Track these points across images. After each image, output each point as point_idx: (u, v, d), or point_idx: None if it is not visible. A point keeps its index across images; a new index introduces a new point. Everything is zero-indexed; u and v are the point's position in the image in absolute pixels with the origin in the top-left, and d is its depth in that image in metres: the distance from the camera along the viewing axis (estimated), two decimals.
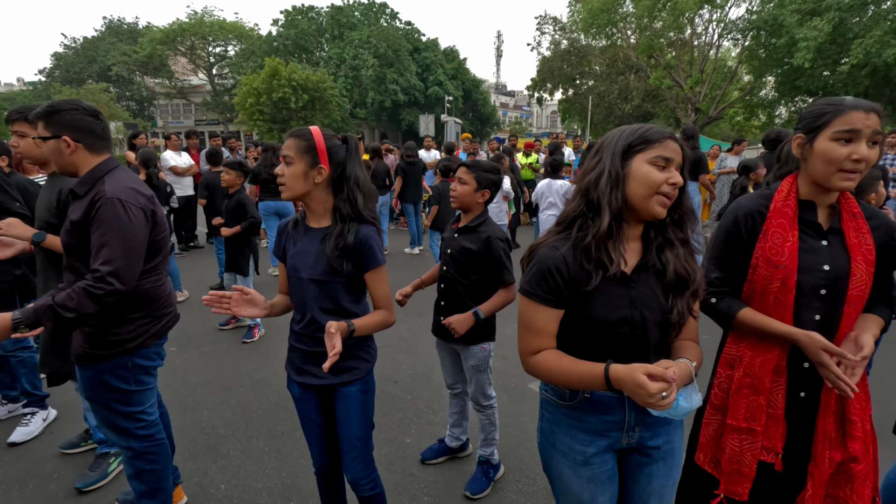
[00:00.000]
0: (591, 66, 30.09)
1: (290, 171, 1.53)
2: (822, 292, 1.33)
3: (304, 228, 1.63)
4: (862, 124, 1.23)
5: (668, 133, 1.13)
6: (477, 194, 2.10)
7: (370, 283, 1.62)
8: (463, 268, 2.12)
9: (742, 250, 1.43)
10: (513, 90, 62.40)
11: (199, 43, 39.83)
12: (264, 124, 29.12)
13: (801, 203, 1.38)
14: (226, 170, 3.97)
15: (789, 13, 17.15)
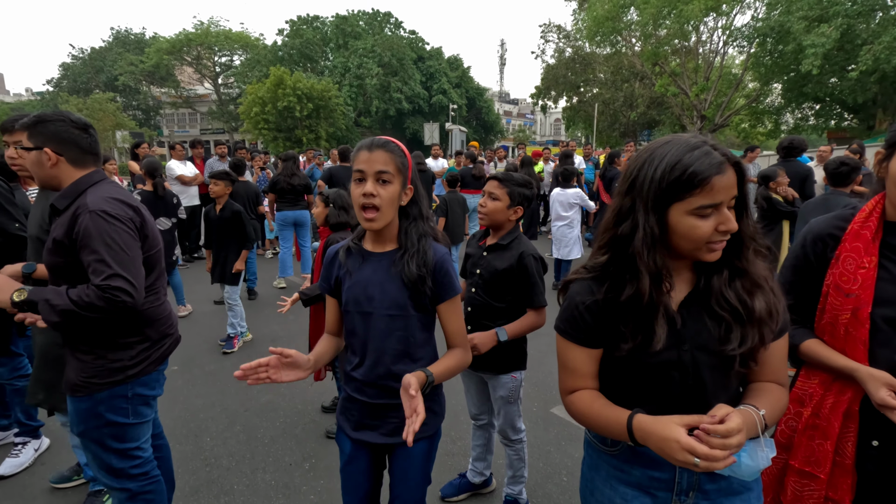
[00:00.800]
0: (596, 74, 30.09)
1: (389, 192, 1.26)
2: None
3: (363, 255, 1.37)
4: None
5: (715, 168, 0.88)
6: (510, 211, 1.91)
7: (444, 316, 1.38)
8: (494, 289, 1.93)
9: (811, 277, 1.28)
10: (516, 98, 62.53)
11: (205, 53, 40.14)
12: (269, 133, 29.20)
13: (888, 226, 1.20)
14: (213, 181, 3.83)
15: (796, 20, 17.02)
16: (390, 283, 1.33)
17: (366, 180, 1.26)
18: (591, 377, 1.06)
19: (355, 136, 34.93)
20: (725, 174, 0.89)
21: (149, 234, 1.65)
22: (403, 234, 1.34)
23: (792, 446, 1.28)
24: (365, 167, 1.26)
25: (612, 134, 31.83)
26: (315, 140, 29.99)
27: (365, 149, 1.28)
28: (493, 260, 1.94)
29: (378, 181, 1.26)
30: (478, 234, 2.09)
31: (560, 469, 2.49)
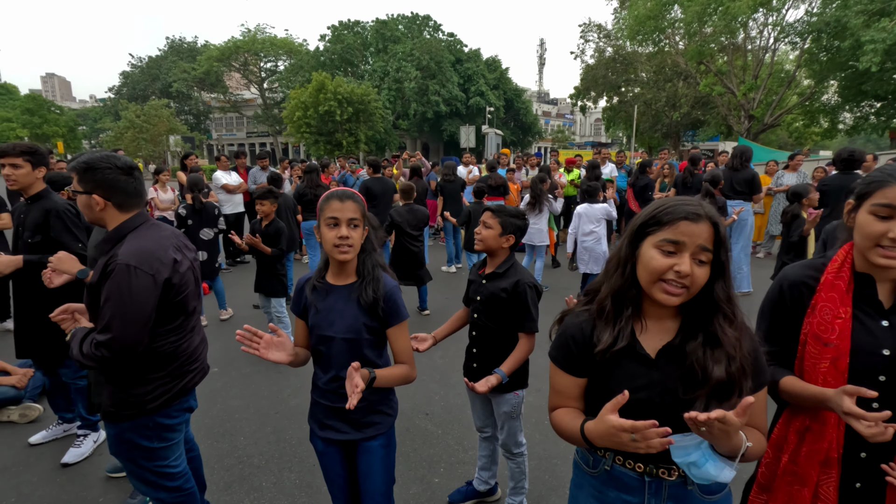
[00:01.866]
0: (637, 74, 29.36)
1: (359, 233, 1.58)
2: (882, 379, 1.19)
3: (327, 288, 1.63)
4: None
5: (691, 212, 0.99)
6: (502, 239, 2.09)
7: (393, 338, 1.65)
8: (494, 315, 2.10)
9: (789, 323, 1.32)
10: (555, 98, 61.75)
11: (251, 59, 41.85)
12: (311, 136, 30.15)
13: (858, 276, 1.24)
14: (259, 201, 4.08)
15: (854, 14, 16.10)
16: (349, 311, 1.59)
17: (340, 225, 1.54)
18: (574, 399, 1.19)
19: (393, 138, 35.52)
20: (696, 223, 0.99)
21: (177, 282, 1.71)
22: (361, 265, 1.63)
23: (772, 489, 1.33)
24: (339, 215, 1.54)
25: (654, 135, 30.97)
26: (355, 143, 30.73)
27: (336, 199, 1.55)
28: (490, 287, 2.10)
29: (350, 226, 1.54)
30: (478, 263, 2.25)
31: (565, 482, 2.57)
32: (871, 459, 1.22)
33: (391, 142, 35.40)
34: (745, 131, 22.61)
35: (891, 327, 1.20)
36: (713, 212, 1.02)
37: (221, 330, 4.93)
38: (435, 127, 37.81)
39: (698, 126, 29.74)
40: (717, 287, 1.03)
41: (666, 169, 7.65)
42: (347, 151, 30.89)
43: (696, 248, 0.99)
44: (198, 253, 4.79)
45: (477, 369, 2.17)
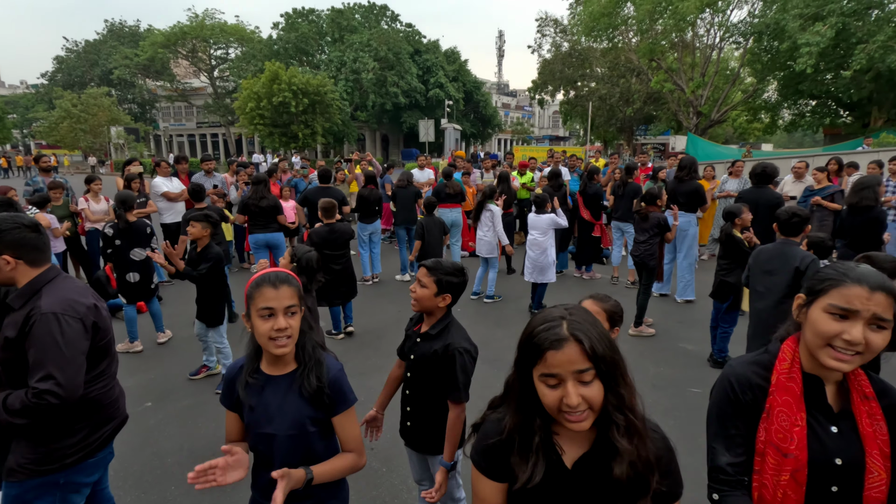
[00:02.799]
0: (593, 69, 29.93)
1: (297, 320, 1.41)
2: (834, 489, 1.14)
3: (264, 381, 1.47)
4: (861, 304, 1.07)
5: (549, 343, 0.93)
6: (437, 299, 1.97)
7: (339, 427, 1.50)
8: (426, 376, 2.01)
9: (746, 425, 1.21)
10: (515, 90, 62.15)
11: (200, 45, 39.88)
12: (265, 129, 29.10)
13: (806, 377, 1.18)
14: (191, 223, 3.83)
15: (791, 18, 16.90)
16: (290, 403, 1.43)
17: (276, 315, 1.37)
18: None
19: (352, 130, 34.80)
20: (561, 350, 0.92)
21: (102, 325, 1.76)
22: (301, 350, 1.46)
23: None
24: (275, 304, 1.36)
25: (609, 129, 31.75)
26: (311, 135, 29.90)
27: (270, 285, 1.37)
28: (423, 347, 2.01)
29: (287, 314, 1.38)
30: (414, 318, 2.15)
31: None
32: None
33: (349, 134, 34.69)
34: (694, 126, 23.48)
35: (840, 433, 1.15)
36: (578, 327, 0.94)
37: (159, 355, 4.67)
38: (394, 119, 37.30)
39: (651, 121, 30.64)
40: (610, 395, 0.97)
41: (617, 173, 7.82)
42: (304, 144, 30.04)
43: (572, 374, 0.93)
44: (129, 275, 4.54)
45: (411, 428, 2.10)
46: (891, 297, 1.08)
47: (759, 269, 3.22)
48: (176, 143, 48.97)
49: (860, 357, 1.08)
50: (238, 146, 44.96)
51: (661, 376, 4.17)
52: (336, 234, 4.86)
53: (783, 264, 3.07)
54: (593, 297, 1.81)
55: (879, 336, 1.07)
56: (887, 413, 1.14)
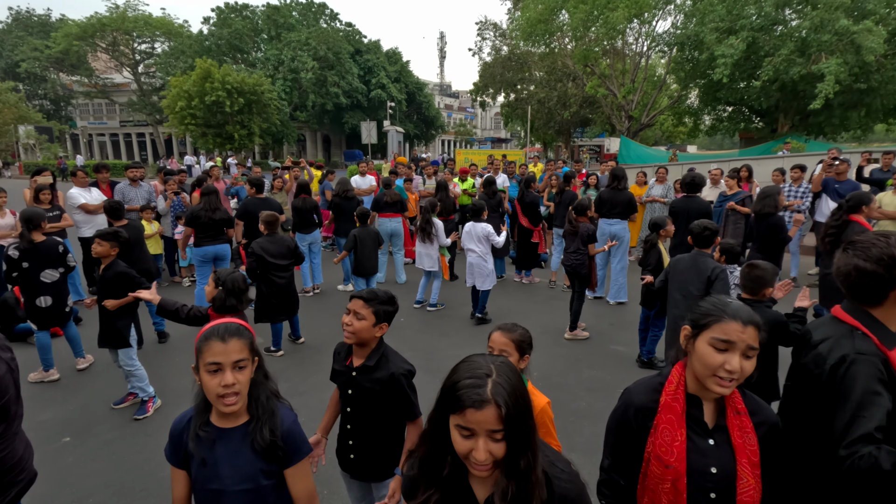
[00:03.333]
0: (532, 73, 30.79)
1: (246, 375, 1.37)
2: (712, 496, 1.29)
3: (217, 432, 1.40)
4: (737, 337, 1.24)
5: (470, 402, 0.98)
6: (375, 329, 1.96)
7: (291, 480, 1.44)
8: (369, 408, 2.00)
9: (633, 442, 1.39)
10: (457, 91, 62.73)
11: (122, 38, 37.25)
12: (197, 129, 27.68)
13: (689, 398, 1.34)
14: (98, 241, 3.60)
15: (709, 31, 18.22)
16: (242, 457, 1.38)
17: (223, 371, 1.32)
18: None
19: (291, 130, 33.80)
20: (481, 410, 0.97)
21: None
22: (254, 403, 1.41)
23: None
24: (222, 359, 1.32)
25: (548, 131, 32.81)
26: (248, 136, 28.77)
27: (218, 339, 1.33)
28: (363, 381, 1.99)
29: (236, 369, 1.34)
30: (342, 352, 2.10)
31: None
32: None
33: (289, 135, 33.69)
34: (626, 129, 24.77)
35: (716, 445, 1.30)
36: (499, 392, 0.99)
37: (78, 384, 4.35)
38: (336, 119, 36.61)
39: (587, 124, 32.01)
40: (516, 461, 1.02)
41: (553, 180, 8.11)
42: (240, 145, 28.83)
43: (485, 432, 0.99)
44: (40, 299, 4.18)
45: (354, 460, 2.08)
46: (757, 329, 1.26)
47: (675, 277, 3.48)
48: (97, 143, 45.48)
49: (736, 382, 1.26)
50: (168, 147, 42.39)
51: (595, 379, 4.39)
52: (278, 244, 4.75)
53: (697, 274, 3.34)
54: (501, 329, 1.88)
55: (749, 363, 1.25)
56: (758, 428, 1.31)
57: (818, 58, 16.48)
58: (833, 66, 15.41)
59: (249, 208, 5.87)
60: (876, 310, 1.39)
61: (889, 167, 6.99)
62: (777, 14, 17.97)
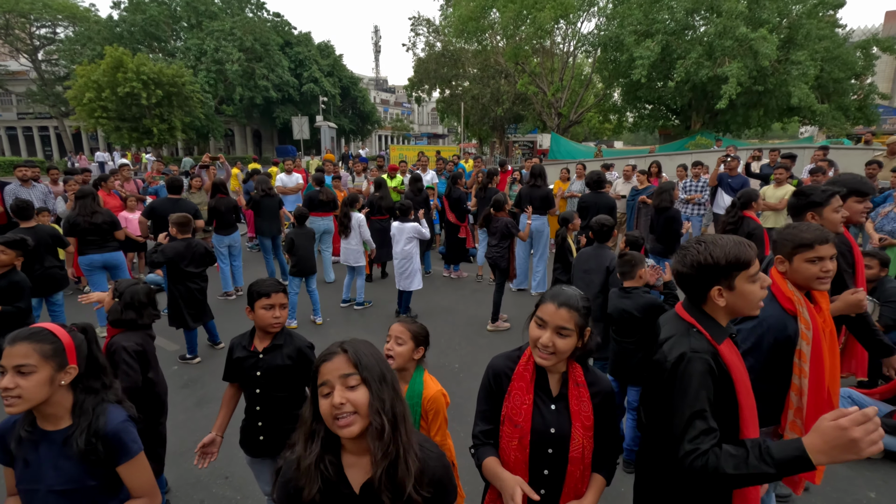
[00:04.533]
0: (465, 69, 31.12)
1: (32, 381, 1.34)
2: (550, 451, 1.52)
3: (39, 434, 1.42)
4: (549, 316, 1.46)
5: (322, 357, 1.14)
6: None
7: (126, 475, 1.49)
8: (278, 384, 2.18)
9: (497, 404, 1.60)
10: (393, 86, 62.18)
11: (16, 22, 33.54)
12: (109, 122, 25.56)
13: (538, 369, 1.55)
14: (2, 248, 3.34)
15: (628, 33, 19.31)
16: (64, 459, 1.40)
17: (6, 373, 1.34)
18: None
19: (217, 125, 32.09)
20: (332, 360, 1.12)
21: None
22: (78, 409, 1.44)
23: None
24: (4, 362, 1.34)
25: (483, 127, 33.35)
26: (168, 131, 26.96)
27: (8, 342, 1.35)
28: (271, 360, 2.18)
29: (16, 373, 1.34)
30: (240, 343, 2.24)
31: None
32: None
33: (215, 129, 31.93)
34: (556, 126, 25.71)
35: (557, 411, 1.53)
36: (348, 344, 1.14)
37: None
38: (266, 113, 35.15)
39: (520, 120, 32.85)
40: (371, 403, 1.09)
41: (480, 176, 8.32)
42: (160, 140, 26.99)
43: (340, 379, 1.10)
44: None
45: (265, 441, 2.21)
46: (573, 312, 1.45)
47: (579, 268, 3.74)
48: None
49: (555, 356, 1.47)
50: (77, 142, 38.88)
51: None
52: (192, 248, 4.53)
53: (598, 265, 3.61)
54: (401, 321, 2.00)
55: (563, 342, 1.46)
56: (594, 397, 1.54)
57: (723, 61, 17.95)
58: (735, 70, 16.86)
59: (157, 209, 5.53)
60: (705, 306, 1.51)
61: (774, 162, 7.79)
62: (688, 20, 19.35)
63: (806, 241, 1.86)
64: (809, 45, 17.84)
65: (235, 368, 2.23)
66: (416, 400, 1.90)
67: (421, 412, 1.89)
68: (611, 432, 1.58)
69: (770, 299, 1.89)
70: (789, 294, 1.91)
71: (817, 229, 1.88)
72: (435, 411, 1.90)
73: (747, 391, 1.44)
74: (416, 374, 1.96)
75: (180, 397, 4.06)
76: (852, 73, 19.22)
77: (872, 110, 20.29)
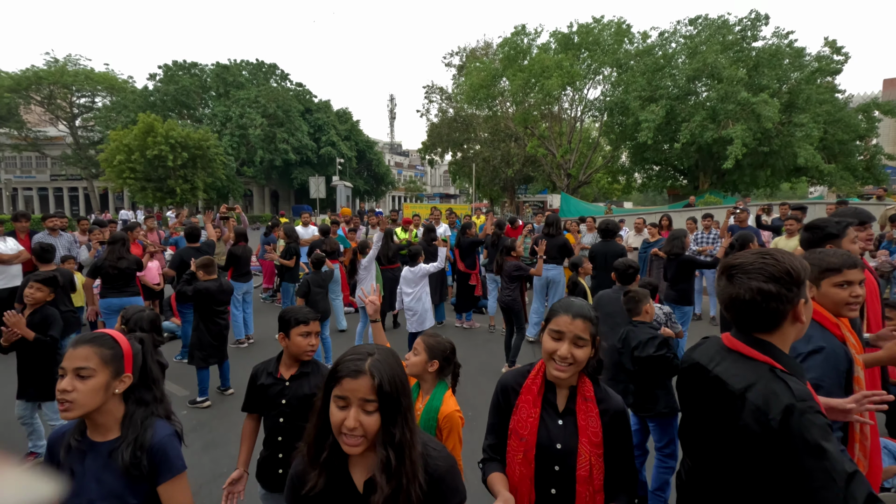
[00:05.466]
0: (476, 133, 32.48)
1: (88, 386, 1.33)
2: (556, 468, 1.45)
3: (88, 444, 1.39)
4: (565, 328, 1.44)
5: (346, 371, 1.11)
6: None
7: (165, 496, 1.41)
8: (303, 415, 2.08)
9: (504, 419, 1.57)
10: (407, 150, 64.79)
11: (59, 92, 36.11)
12: (136, 183, 26.76)
13: (547, 384, 1.53)
14: (37, 286, 3.47)
15: (633, 98, 20.18)
16: (109, 472, 1.36)
17: (65, 376, 1.33)
18: None
19: (237, 185, 33.37)
20: (356, 379, 1.09)
21: None
22: (127, 421, 1.41)
23: None
24: (65, 364, 1.34)
25: (494, 188, 34.22)
26: (191, 190, 28.10)
27: (71, 346, 1.37)
28: (298, 388, 2.15)
29: (76, 376, 1.33)
30: (270, 367, 2.22)
31: None
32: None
33: (234, 189, 33.20)
34: (566, 187, 26.28)
35: (563, 426, 1.48)
36: (375, 366, 1.10)
37: None
38: (284, 175, 36.58)
39: (529, 181, 33.74)
40: (381, 434, 1.10)
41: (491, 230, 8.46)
42: (182, 199, 28.04)
43: (359, 401, 1.09)
44: None
45: (284, 476, 2.13)
46: (587, 322, 1.44)
47: (601, 310, 3.70)
48: (23, 198, 42.84)
49: (573, 367, 1.44)
50: (103, 201, 40.55)
51: None
52: (222, 287, 4.76)
53: (620, 306, 3.58)
54: (423, 334, 2.07)
55: (580, 351, 1.44)
56: (603, 415, 1.47)
57: (726, 124, 18.54)
58: (739, 132, 17.37)
59: (184, 257, 5.71)
60: (772, 336, 1.24)
61: (785, 215, 7.83)
62: (690, 86, 20.24)
63: (833, 265, 1.75)
64: (811, 109, 18.40)
65: (259, 396, 2.19)
66: (432, 415, 1.87)
67: (436, 427, 1.85)
68: (624, 455, 1.49)
69: (817, 328, 1.69)
70: (833, 319, 1.73)
71: (844, 254, 1.79)
72: (449, 429, 1.87)
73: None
74: (438, 389, 1.95)
75: (188, 440, 3.94)
76: (856, 134, 19.65)
77: (880, 170, 20.49)
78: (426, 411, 1.89)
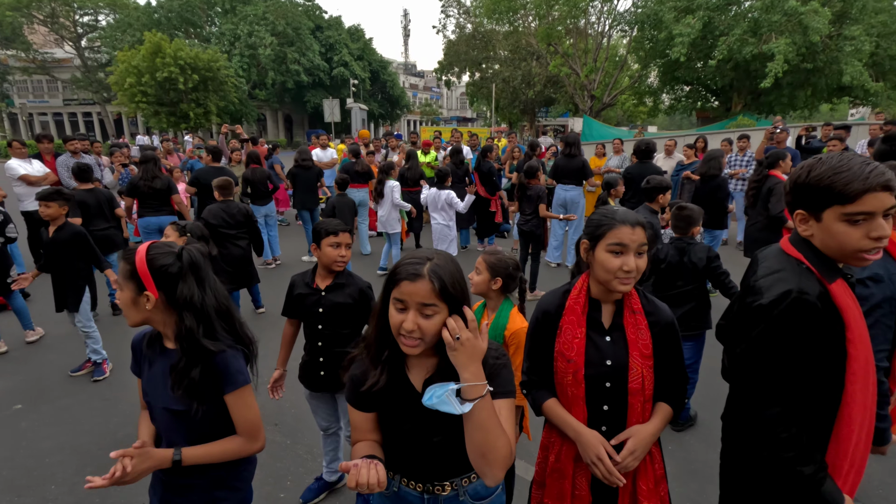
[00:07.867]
0: (496, 51, 30.69)
1: (123, 298, 1.38)
2: (608, 385, 1.43)
3: (160, 348, 1.45)
4: (629, 239, 1.35)
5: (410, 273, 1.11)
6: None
7: (230, 406, 1.41)
8: (340, 321, 2.24)
9: (546, 343, 1.53)
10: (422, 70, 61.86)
11: (61, 10, 34.75)
12: (149, 107, 26.42)
13: (590, 302, 1.48)
14: (44, 203, 3.51)
15: (667, 10, 18.58)
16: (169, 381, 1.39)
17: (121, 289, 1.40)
18: (369, 432, 1.27)
19: (250, 109, 32.70)
20: (415, 283, 1.09)
21: None
22: (180, 336, 1.37)
23: (545, 484, 1.57)
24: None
25: (513, 111, 32.90)
26: (204, 115, 27.66)
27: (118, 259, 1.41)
28: (333, 297, 2.24)
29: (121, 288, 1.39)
30: (307, 277, 2.30)
31: None
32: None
33: (248, 113, 32.56)
34: (589, 109, 25.12)
35: (612, 342, 1.44)
36: (435, 269, 1.10)
37: (28, 355, 4.22)
38: (297, 98, 35.60)
39: (551, 103, 32.25)
40: None
41: (516, 152, 8.23)
42: (196, 124, 27.70)
43: (417, 304, 1.10)
44: None
45: (325, 376, 2.30)
46: (643, 228, 1.38)
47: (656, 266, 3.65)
48: (38, 123, 42.68)
49: (634, 279, 1.38)
50: (118, 127, 40.25)
51: None
52: (230, 211, 4.63)
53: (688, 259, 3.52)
54: (485, 252, 2.07)
55: (642, 260, 1.38)
56: (653, 326, 1.44)
57: (769, 38, 17.10)
58: (782, 46, 16.04)
59: (202, 177, 5.70)
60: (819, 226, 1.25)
61: (827, 137, 7.42)
62: None
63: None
64: (865, 19, 16.80)
65: (297, 304, 2.30)
66: (499, 332, 1.92)
67: (503, 344, 1.90)
68: (675, 363, 1.48)
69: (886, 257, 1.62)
70: None
71: None
72: (517, 345, 1.91)
73: (863, 342, 1.23)
74: (504, 307, 1.98)
75: None
76: None
77: None
78: (493, 329, 1.93)
